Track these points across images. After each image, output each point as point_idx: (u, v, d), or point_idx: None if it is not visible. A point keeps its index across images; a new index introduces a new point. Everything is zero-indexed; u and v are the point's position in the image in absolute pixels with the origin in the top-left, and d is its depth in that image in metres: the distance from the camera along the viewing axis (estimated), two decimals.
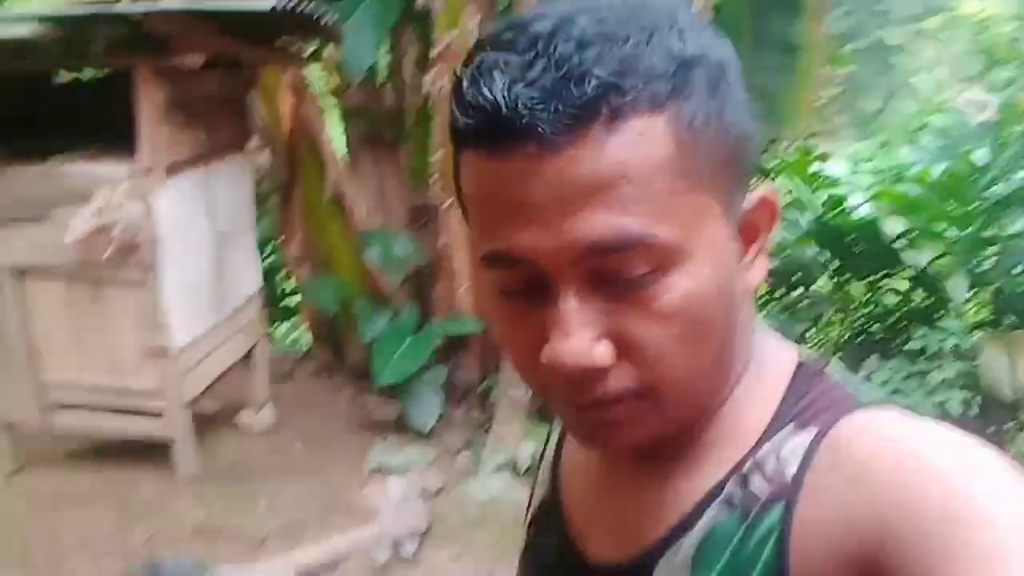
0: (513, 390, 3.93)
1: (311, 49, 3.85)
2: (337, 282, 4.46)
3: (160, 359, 3.48)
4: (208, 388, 3.82)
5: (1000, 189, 4.53)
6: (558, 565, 0.69)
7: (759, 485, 0.55)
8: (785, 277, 5.28)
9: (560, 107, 0.47)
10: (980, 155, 4.61)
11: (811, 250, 5.23)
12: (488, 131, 0.49)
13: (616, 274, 0.50)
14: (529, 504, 0.78)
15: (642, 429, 0.56)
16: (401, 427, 4.15)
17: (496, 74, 0.48)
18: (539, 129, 0.47)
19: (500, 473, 3.80)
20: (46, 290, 3.49)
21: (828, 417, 0.55)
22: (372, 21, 3.89)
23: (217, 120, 3.64)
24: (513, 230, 0.51)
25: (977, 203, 4.58)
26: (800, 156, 5.01)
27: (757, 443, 0.57)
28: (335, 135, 4.49)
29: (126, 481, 3.67)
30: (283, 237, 4.74)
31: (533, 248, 0.50)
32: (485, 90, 0.48)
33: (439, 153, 4.05)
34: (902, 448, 0.50)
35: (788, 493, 0.53)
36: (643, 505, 0.62)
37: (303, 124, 4.25)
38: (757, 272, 0.58)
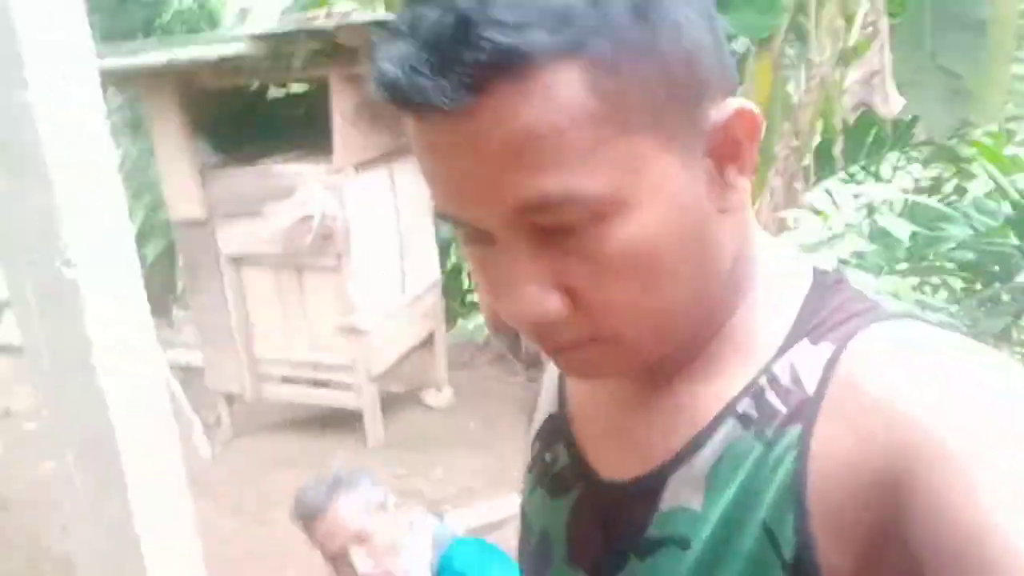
0: None
1: None
2: None
3: (351, 336, 3.89)
4: (393, 366, 4.20)
5: None
6: (567, 479, 0.66)
7: (775, 403, 0.54)
8: (981, 270, 5.00)
9: (457, 73, 0.45)
10: None
11: (1010, 241, 4.92)
12: (398, 101, 0.47)
13: (555, 227, 0.49)
14: (533, 420, 0.76)
15: (618, 367, 0.56)
16: None
17: (398, 43, 0.46)
18: (441, 99, 0.45)
19: None
20: (257, 276, 4.00)
21: (846, 331, 0.53)
22: None
23: (401, 123, 4.01)
24: (445, 194, 0.51)
25: None
26: (996, 139, 4.73)
27: (773, 358, 0.55)
28: None
29: (323, 447, 4.11)
30: None
31: (465, 212, 0.50)
32: (386, 64, 0.46)
33: None
34: (924, 370, 0.48)
35: (806, 415, 0.51)
36: (654, 421, 0.60)
37: None
38: (739, 188, 0.53)
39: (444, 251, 5.01)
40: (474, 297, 5.74)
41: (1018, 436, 0.44)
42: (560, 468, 0.67)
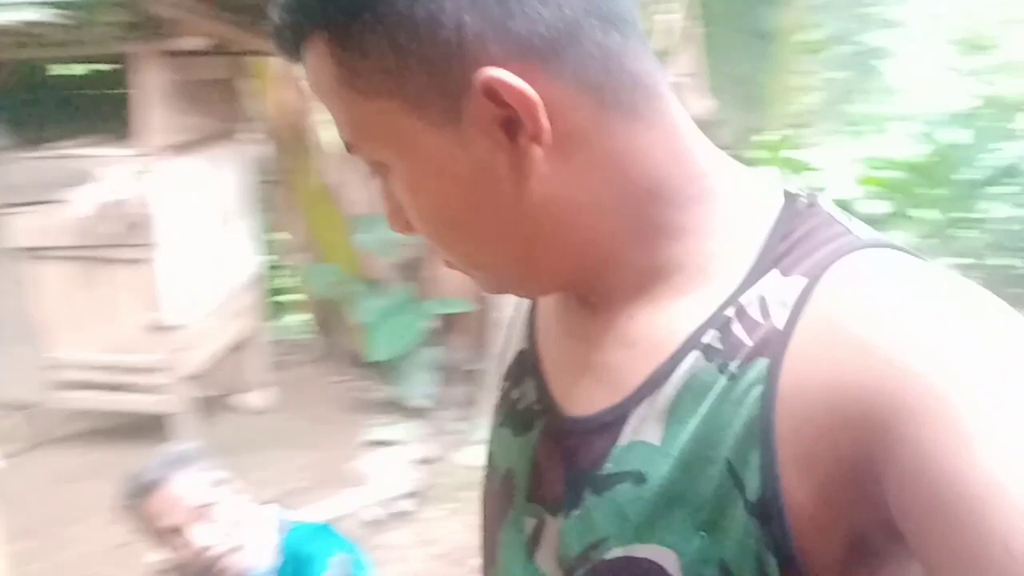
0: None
1: None
2: (333, 269, 4.60)
3: (160, 335, 3.62)
4: (209, 367, 3.95)
5: (979, 172, 4.66)
6: (532, 415, 0.66)
7: (741, 335, 0.52)
8: None
9: (285, 34, 0.54)
10: (960, 139, 4.75)
11: None
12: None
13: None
14: (503, 358, 0.76)
15: (510, 289, 0.61)
16: (396, 406, 4.27)
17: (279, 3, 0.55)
18: (285, 56, 0.56)
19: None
20: (54, 271, 3.63)
21: (819, 261, 0.51)
22: None
23: (215, 106, 3.81)
24: None
25: (955, 187, 4.73)
26: (777, 142, 5.14)
27: (739, 288, 0.54)
28: (322, 125, 4.64)
29: (130, 457, 3.77)
30: (281, 228, 4.90)
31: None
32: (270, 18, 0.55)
33: None
34: (904, 308, 0.46)
35: (774, 349, 0.50)
36: (617, 354, 0.59)
37: (293, 114, 4.41)
38: (535, 156, 0.52)
39: (267, 243, 4.80)
40: (292, 295, 5.54)
41: (1015, 381, 0.42)
42: (526, 404, 0.66)
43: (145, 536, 1.62)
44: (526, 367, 0.68)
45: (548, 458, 0.62)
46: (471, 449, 3.88)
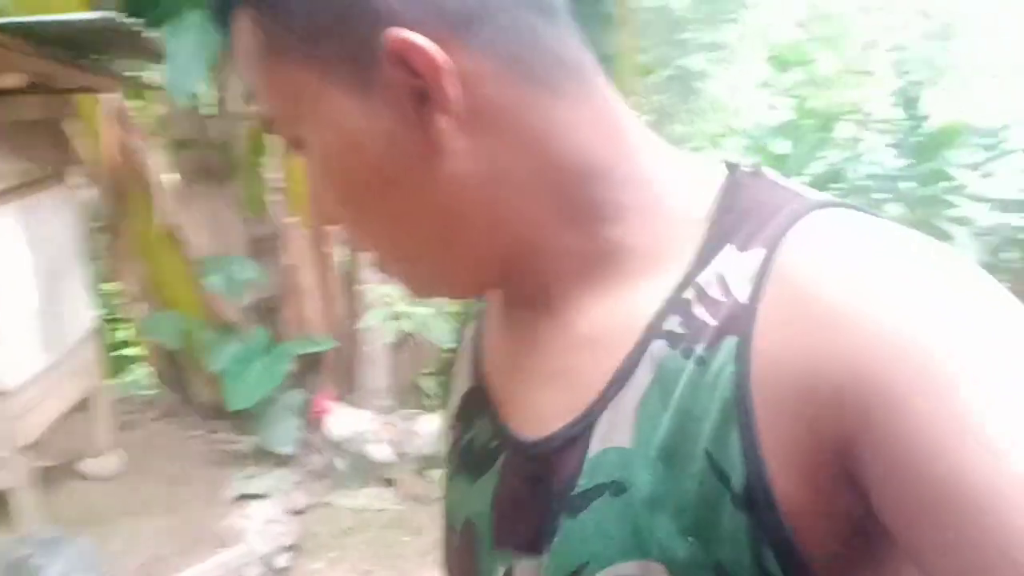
0: (374, 401, 3.92)
1: (131, 73, 3.76)
2: (177, 316, 4.31)
3: None
4: (47, 433, 3.58)
5: (807, 178, 4.99)
6: (490, 452, 0.60)
7: (704, 316, 0.49)
8: None
9: (214, 5, 0.55)
10: (779, 148, 5.06)
11: None
12: None
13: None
14: (448, 408, 0.71)
15: (438, 290, 0.60)
16: (261, 455, 4.03)
17: None
18: (218, 28, 0.55)
19: (367, 485, 3.78)
20: None
21: (774, 229, 0.48)
22: (195, 44, 3.84)
23: (36, 149, 3.48)
24: None
25: None
26: None
27: (693, 267, 0.51)
28: (159, 167, 4.37)
29: None
30: (116, 277, 4.55)
31: None
32: None
33: (280, 174, 4.03)
34: (869, 271, 0.44)
35: (741, 325, 0.47)
36: (574, 358, 0.55)
37: (128, 155, 4.12)
38: (444, 128, 0.50)
39: (102, 295, 4.44)
40: (132, 348, 5.16)
41: (1004, 353, 0.40)
42: (482, 443, 0.61)
43: None
44: (476, 405, 0.63)
45: (514, 494, 0.57)
46: (347, 492, 3.72)
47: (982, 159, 4.62)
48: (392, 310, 3.34)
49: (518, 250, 0.55)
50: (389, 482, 3.78)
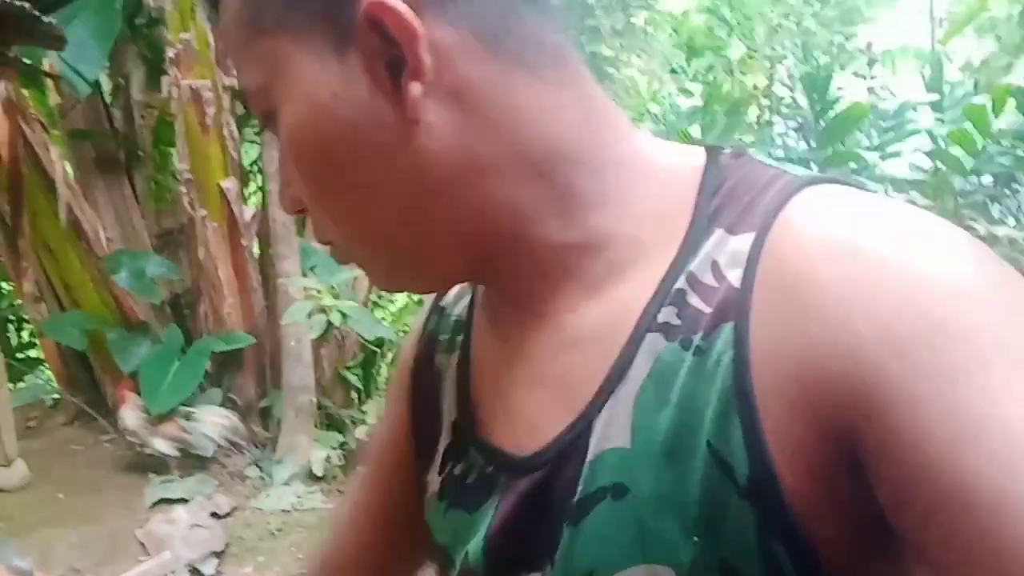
0: (300, 397, 3.82)
1: (26, 60, 3.54)
2: (83, 316, 4.11)
3: None
4: None
5: None
6: (485, 480, 0.57)
7: (699, 304, 0.47)
8: None
9: None
10: (693, 132, 5.15)
11: None
12: None
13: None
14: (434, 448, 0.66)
15: (406, 281, 0.59)
16: (179, 458, 3.88)
17: None
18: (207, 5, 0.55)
19: (293, 483, 3.69)
20: None
21: (764, 209, 0.46)
22: (94, 31, 3.64)
23: None
24: None
25: None
26: None
27: (682, 254, 0.49)
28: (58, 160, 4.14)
29: None
30: (16, 276, 4.30)
31: None
32: None
33: (186, 165, 3.87)
34: (863, 258, 0.42)
35: (737, 310, 0.45)
36: (566, 359, 0.53)
37: (25, 147, 3.89)
38: (416, 96, 0.48)
39: None
40: (34, 351, 4.89)
41: (1013, 339, 0.38)
42: (477, 474, 0.58)
43: None
44: (464, 435, 0.60)
45: (518, 515, 0.54)
46: (273, 493, 3.62)
47: (884, 141, 4.79)
48: (318, 303, 3.25)
49: (498, 241, 0.53)
50: (316, 479, 3.70)
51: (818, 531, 0.42)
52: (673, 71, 6.10)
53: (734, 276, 0.46)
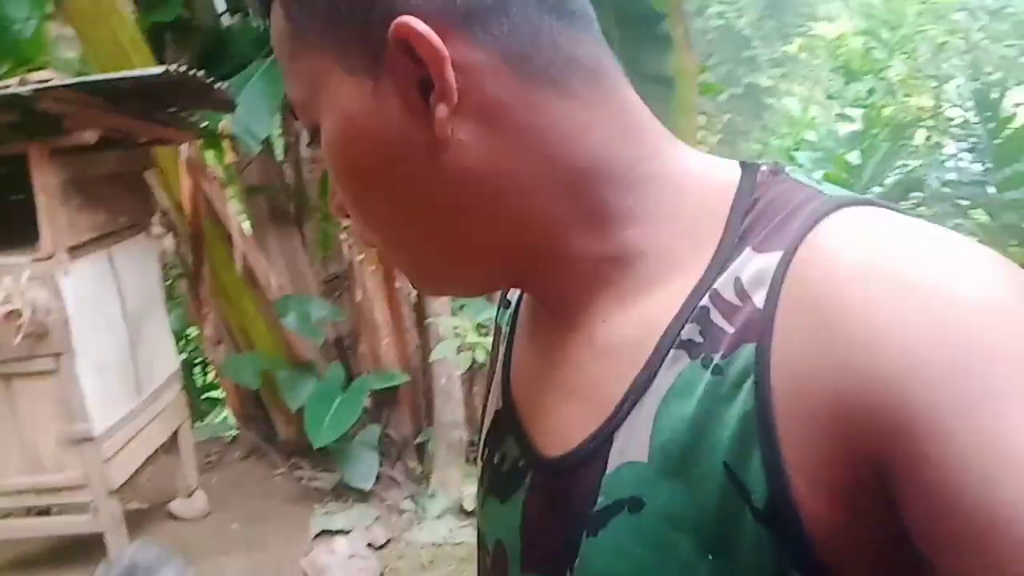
0: (451, 433, 3.92)
1: (204, 123, 3.89)
2: (256, 357, 4.41)
3: (81, 447, 3.37)
4: (134, 477, 3.69)
5: (885, 188, 4.86)
6: (517, 473, 0.59)
7: (721, 322, 0.47)
8: None
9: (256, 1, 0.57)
10: (852, 158, 4.95)
11: None
12: None
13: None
14: (481, 432, 0.70)
15: (444, 286, 0.62)
16: (341, 492, 4.07)
17: None
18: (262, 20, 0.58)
19: (445, 517, 3.77)
20: None
21: (794, 230, 0.46)
22: (262, 92, 3.96)
23: (118, 200, 3.63)
24: None
25: None
26: None
27: (709, 272, 0.49)
28: (235, 213, 4.50)
29: None
30: (196, 321, 4.68)
31: None
32: None
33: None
34: (894, 283, 0.40)
35: (759, 332, 0.44)
36: (594, 368, 0.54)
37: (205, 202, 4.26)
38: (443, 119, 0.49)
39: (179, 341, 4.58)
40: (216, 391, 5.29)
41: (1012, 361, 0.37)
42: (511, 463, 0.60)
43: None
44: (504, 424, 0.62)
45: (541, 514, 0.56)
46: (426, 527, 3.72)
47: None
48: (463, 341, 3.34)
49: (533, 251, 0.54)
50: (467, 514, 3.76)
51: (837, 558, 0.42)
52: (830, 97, 5.88)
53: (758, 297, 0.45)
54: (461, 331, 3.45)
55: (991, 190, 4.49)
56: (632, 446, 0.49)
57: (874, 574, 0.42)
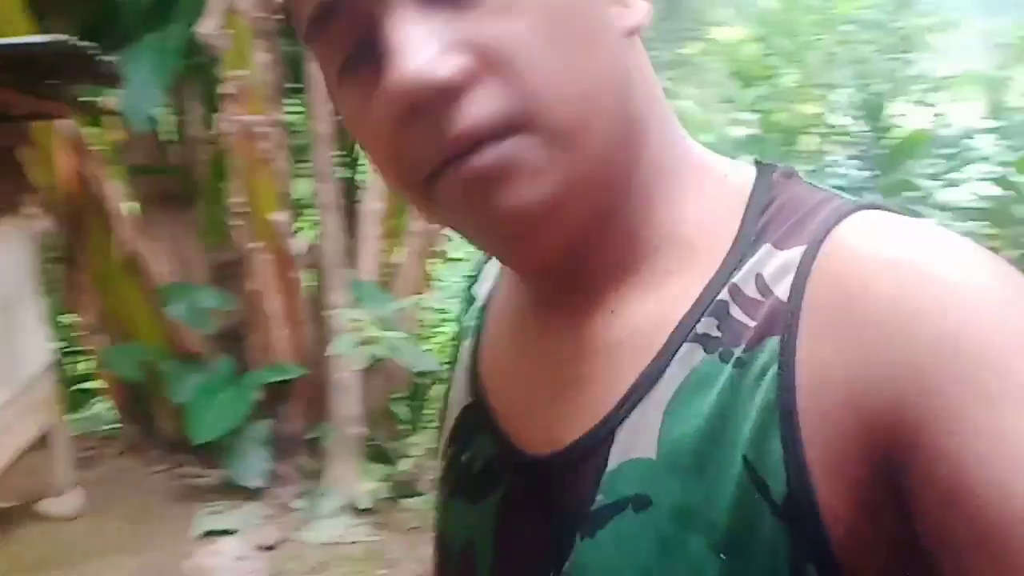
0: (347, 429, 3.82)
1: (88, 98, 3.65)
2: (139, 347, 4.18)
3: None
4: (3, 474, 3.43)
5: None
6: (492, 473, 0.56)
7: (742, 316, 0.46)
8: None
9: None
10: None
11: None
12: None
13: None
14: (442, 429, 0.66)
15: (546, 178, 0.44)
16: (228, 489, 3.90)
17: None
18: None
19: (339, 516, 3.67)
20: None
21: (815, 228, 0.45)
22: (152, 67, 3.75)
23: None
24: None
25: None
26: None
27: (725, 266, 0.48)
28: (118, 194, 4.24)
29: None
30: (73, 309, 4.40)
31: None
32: None
33: (242, 199, 3.93)
34: (924, 280, 0.40)
35: (782, 323, 0.43)
36: (594, 362, 0.51)
37: (85, 183, 4.01)
38: (635, 14, 0.50)
39: (58, 328, 4.30)
40: (92, 382, 5.00)
41: None
42: (484, 463, 0.57)
43: None
44: (476, 422, 0.59)
45: (520, 518, 0.53)
46: (319, 526, 3.61)
47: (945, 168, 4.66)
48: (362, 335, 3.25)
49: (621, 195, 0.50)
50: (362, 512, 3.68)
51: (853, 555, 0.41)
52: (725, 100, 6.04)
53: (781, 290, 0.45)
54: (360, 325, 3.36)
55: (873, 196, 4.69)
56: (638, 442, 0.47)
57: (891, 573, 0.41)
